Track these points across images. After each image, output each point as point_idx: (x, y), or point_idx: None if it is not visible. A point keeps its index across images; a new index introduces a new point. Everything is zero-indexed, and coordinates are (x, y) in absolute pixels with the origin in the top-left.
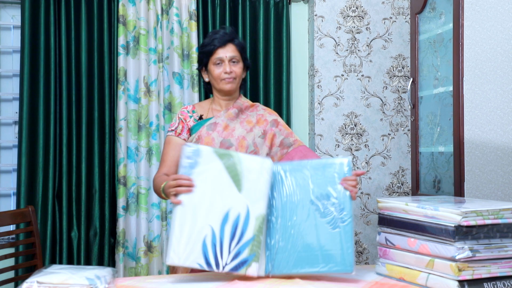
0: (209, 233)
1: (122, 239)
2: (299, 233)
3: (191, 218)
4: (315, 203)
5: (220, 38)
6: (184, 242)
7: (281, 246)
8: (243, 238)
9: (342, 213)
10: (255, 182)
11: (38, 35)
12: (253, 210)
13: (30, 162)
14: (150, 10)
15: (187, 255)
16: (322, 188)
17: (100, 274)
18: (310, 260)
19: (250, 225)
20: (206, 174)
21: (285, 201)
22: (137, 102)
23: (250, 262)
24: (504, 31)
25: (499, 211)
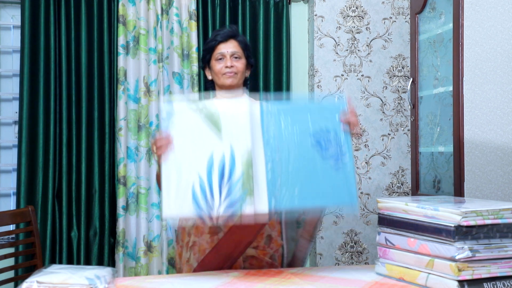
0: (196, 180)
1: (122, 239)
2: (300, 168)
3: (176, 171)
4: (316, 139)
5: (222, 34)
6: (173, 194)
7: (283, 181)
8: (233, 177)
9: (343, 152)
10: (234, 119)
11: (38, 35)
12: (237, 147)
13: (30, 162)
14: (150, 10)
15: (179, 206)
16: (321, 125)
17: (100, 274)
18: (314, 194)
19: (237, 162)
20: (184, 127)
21: (283, 135)
22: (137, 102)
23: (244, 197)
24: (504, 31)
25: (499, 211)
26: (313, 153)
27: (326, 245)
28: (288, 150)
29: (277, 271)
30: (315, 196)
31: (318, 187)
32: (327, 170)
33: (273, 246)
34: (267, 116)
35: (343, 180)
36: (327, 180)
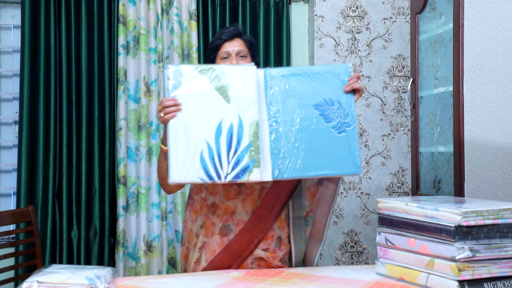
0: (205, 147)
1: (122, 238)
2: (304, 137)
3: (184, 136)
4: (319, 108)
5: (228, 32)
6: (181, 159)
7: (287, 150)
8: (240, 146)
9: (347, 118)
10: (242, 90)
11: (38, 35)
12: (245, 118)
13: (30, 162)
14: (150, 10)
15: (187, 171)
16: (324, 94)
17: (100, 273)
18: (317, 163)
19: (245, 132)
20: (191, 92)
21: (286, 105)
22: (137, 102)
23: (251, 168)
24: (504, 31)
25: (499, 211)
26: (317, 124)
27: (326, 245)
28: (292, 121)
29: (277, 271)
30: (319, 166)
31: (321, 157)
32: (330, 140)
33: (283, 248)
34: (271, 86)
35: (347, 149)
36: (331, 150)
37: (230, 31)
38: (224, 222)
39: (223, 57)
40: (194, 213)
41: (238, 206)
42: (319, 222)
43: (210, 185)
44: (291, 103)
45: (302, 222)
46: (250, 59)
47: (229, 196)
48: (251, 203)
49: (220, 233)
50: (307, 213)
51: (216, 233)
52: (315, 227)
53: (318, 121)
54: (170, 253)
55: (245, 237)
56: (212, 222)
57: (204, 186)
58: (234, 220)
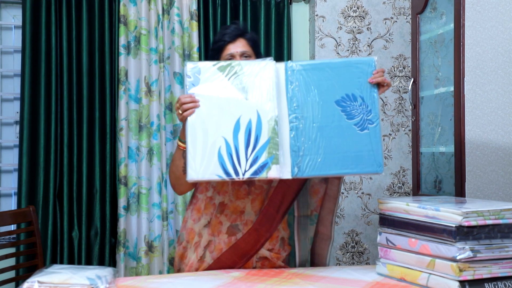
0: (223, 144)
1: (123, 239)
2: (325, 134)
3: (202, 133)
4: (341, 104)
5: (230, 33)
6: (199, 157)
7: (307, 147)
8: (259, 143)
9: (370, 115)
10: (261, 86)
11: (39, 35)
12: (263, 114)
13: (31, 162)
14: (151, 10)
15: (205, 168)
16: (347, 89)
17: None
18: (339, 161)
19: (263, 129)
20: (209, 89)
21: (308, 101)
22: (138, 102)
23: (269, 165)
24: (505, 32)
25: (500, 211)
26: (339, 121)
27: None
28: (313, 117)
29: (278, 271)
30: (340, 164)
31: (342, 155)
32: (352, 137)
33: (286, 249)
34: (292, 80)
35: (369, 147)
36: (352, 148)
37: (232, 31)
38: (232, 222)
39: (227, 59)
40: (197, 212)
41: (247, 206)
42: (326, 219)
43: (219, 184)
44: (312, 98)
45: (306, 221)
46: (255, 58)
47: (239, 196)
48: (260, 203)
49: (228, 232)
50: (311, 211)
51: (224, 232)
52: (324, 224)
53: (340, 117)
54: (171, 253)
55: (253, 236)
56: (220, 221)
57: (211, 184)
58: (243, 219)
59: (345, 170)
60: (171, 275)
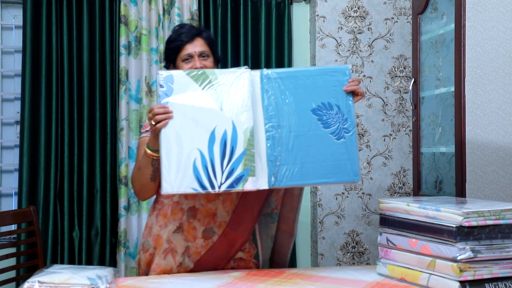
0: (198, 156)
1: (123, 239)
2: (302, 143)
3: (176, 145)
4: (317, 112)
5: (187, 32)
6: (174, 170)
7: (284, 157)
8: (234, 154)
9: (346, 123)
10: (235, 95)
11: (40, 35)
12: (239, 124)
13: (32, 162)
14: (152, 10)
15: (180, 182)
16: (323, 97)
17: (102, 274)
18: (316, 171)
19: (239, 140)
20: (183, 98)
21: (284, 110)
22: (139, 102)
23: (246, 177)
24: (506, 32)
25: (500, 211)
26: (315, 130)
27: (328, 245)
28: (289, 126)
29: (278, 271)
30: (316, 173)
31: (319, 164)
32: (329, 146)
33: (254, 246)
34: (267, 89)
35: (345, 156)
36: (329, 157)
37: (188, 30)
38: (207, 225)
39: (184, 59)
40: (163, 218)
41: (219, 208)
42: (288, 217)
43: None
44: (288, 107)
45: (268, 219)
46: (212, 58)
47: (209, 198)
48: (231, 203)
49: (204, 236)
50: (272, 210)
51: (199, 237)
52: (286, 222)
53: (317, 126)
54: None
55: (229, 237)
56: (193, 227)
57: None
58: (216, 221)
59: (322, 179)
60: (171, 275)
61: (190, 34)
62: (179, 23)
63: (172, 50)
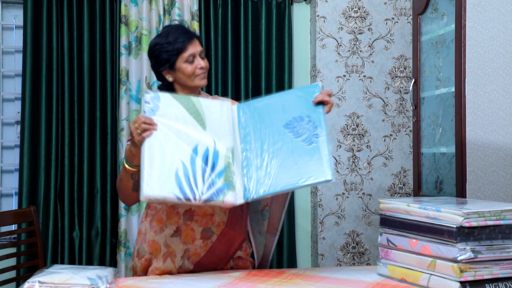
0: (180, 166)
1: (123, 239)
2: (274, 155)
3: (160, 155)
4: (289, 126)
5: (185, 34)
6: (156, 175)
7: (257, 172)
8: (215, 170)
9: (316, 130)
10: (218, 120)
11: (40, 35)
12: (220, 145)
13: (32, 162)
14: (152, 11)
15: (162, 186)
16: (294, 112)
17: (102, 274)
18: (288, 177)
19: (220, 157)
20: (168, 115)
21: (259, 131)
22: (139, 102)
23: (225, 191)
24: (506, 32)
25: (501, 212)
26: (287, 142)
27: (328, 246)
28: (262, 144)
29: (278, 271)
30: (290, 180)
31: (292, 171)
32: (300, 153)
33: (249, 245)
34: (243, 114)
35: (317, 158)
36: (301, 163)
37: (185, 31)
38: (205, 226)
39: (188, 60)
40: (159, 223)
41: (216, 208)
42: (273, 217)
43: None
44: (262, 128)
45: (259, 216)
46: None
47: None
48: None
49: (202, 237)
50: (263, 207)
51: (198, 238)
52: (271, 221)
53: (288, 138)
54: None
55: (227, 237)
56: (191, 229)
57: None
58: (214, 222)
59: (295, 184)
60: (172, 276)
61: (190, 36)
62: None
63: (172, 52)
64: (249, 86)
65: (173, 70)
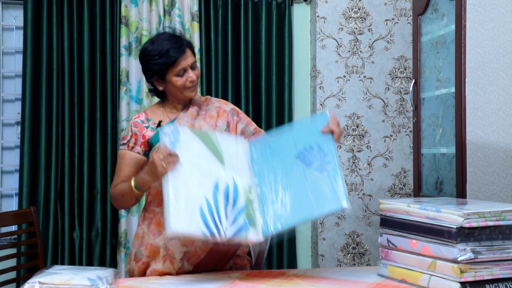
0: (204, 202)
1: (123, 239)
2: (287, 186)
3: (185, 189)
4: (300, 156)
5: (177, 46)
6: (182, 210)
7: (274, 206)
8: (237, 205)
9: (327, 157)
10: (235, 156)
11: (40, 36)
12: (239, 181)
13: (32, 163)
14: (153, 11)
15: (189, 222)
16: (304, 142)
17: (102, 274)
18: (304, 208)
19: (240, 194)
20: (188, 150)
21: (271, 165)
22: (139, 103)
23: (248, 227)
24: (506, 33)
25: (501, 212)
26: (299, 172)
27: (328, 246)
28: (275, 177)
29: (278, 272)
30: (306, 211)
31: (307, 202)
32: (313, 182)
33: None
34: (255, 150)
35: (330, 186)
36: (315, 191)
37: (177, 43)
38: None
39: (179, 74)
40: (157, 226)
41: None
42: None
43: None
44: (274, 161)
45: None
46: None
47: None
48: None
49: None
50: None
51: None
52: None
53: (299, 167)
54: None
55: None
56: None
57: None
58: None
59: (311, 215)
60: (172, 276)
61: (180, 49)
62: (157, 33)
63: (162, 65)
64: (249, 87)
65: (163, 81)
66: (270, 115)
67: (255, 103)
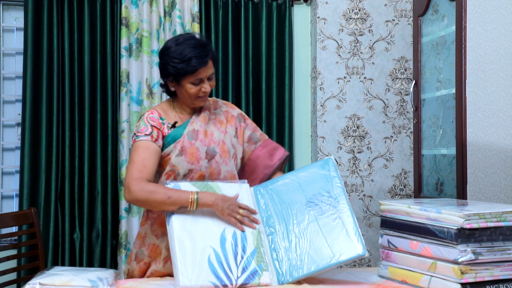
0: (211, 253)
1: (124, 241)
2: (302, 235)
3: (190, 242)
4: (310, 204)
5: (201, 57)
6: (190, 263)
7: (287, 254)
8: (246, 252)
9: (339, 204)
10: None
11: (41, 37)
12: (246, 227)
13: (33, 164)
14: (153, 12)
15: (197, 275)
16: (312, 189)
17: (102, 276)
18: (320, 256)
19: (248, 239)
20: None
21: (281, 212)
22: (140, 104)
23: (260, 272)
24: (506, 34)
25: (501, 213)
26: (312, 220)
27: None
28: (287, 225)
29: None
30: (321, 259)
31: (322, 250)
32: (327, 230)
33: None
34: (262, 197)
35: (345, 234)
36: (330, 240)
37: (204, 53)
38: None
39: (195, 83)
40: (161, 227)
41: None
42: None
43: None
44: (283, 209)
45: None
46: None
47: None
48: None
49: None
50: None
51: None
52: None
53: (312, 216)
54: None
55: None
56: None
57: None
58: None
59: (328, 263)
60: (172, 278)
61: (203, 60)
62: (183, 33)
63: (181, 70)
64: (250, 88)
65: (177, 84)
66: (270, 116)
67: (255, 104)
